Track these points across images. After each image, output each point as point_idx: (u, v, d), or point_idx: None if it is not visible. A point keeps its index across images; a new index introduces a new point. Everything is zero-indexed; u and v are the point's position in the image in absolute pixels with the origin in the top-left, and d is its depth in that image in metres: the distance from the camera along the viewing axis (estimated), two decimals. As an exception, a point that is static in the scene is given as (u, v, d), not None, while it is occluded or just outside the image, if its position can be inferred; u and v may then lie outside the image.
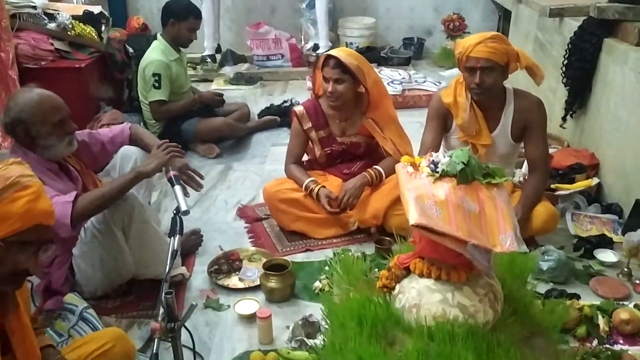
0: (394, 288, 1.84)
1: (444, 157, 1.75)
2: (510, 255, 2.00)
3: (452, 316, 1.68)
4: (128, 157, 2.58)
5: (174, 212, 1.98)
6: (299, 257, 2.79)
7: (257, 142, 4.21)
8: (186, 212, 2.00)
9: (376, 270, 2.17)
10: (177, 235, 1.93)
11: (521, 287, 1.94)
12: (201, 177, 2.45)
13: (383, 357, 1.62)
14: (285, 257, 2.64)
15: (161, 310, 1.77)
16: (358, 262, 2.20)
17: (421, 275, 1.77)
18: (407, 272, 1.82)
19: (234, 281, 2.61)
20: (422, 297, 1.74)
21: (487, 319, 1.72)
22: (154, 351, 1.72)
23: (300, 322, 2.19)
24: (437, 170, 1.72)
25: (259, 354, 2.10)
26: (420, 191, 1.68)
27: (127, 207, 2.31)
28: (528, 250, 1.62)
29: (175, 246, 1.89)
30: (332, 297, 2.04)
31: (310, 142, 3.04)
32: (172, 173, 2.22)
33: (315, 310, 2.29)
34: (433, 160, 1.75)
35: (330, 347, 1.74)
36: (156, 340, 1.75)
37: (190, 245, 2.82)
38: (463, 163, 1.69)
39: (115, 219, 2.29)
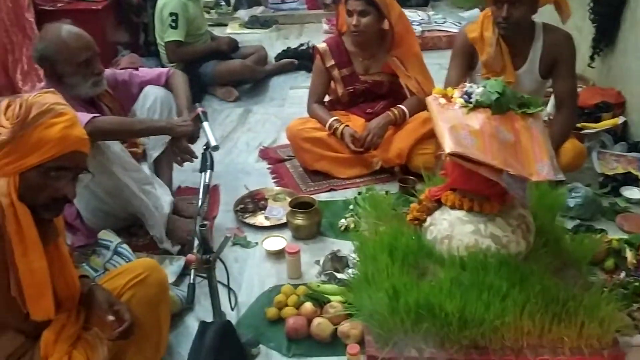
0: (424, 220, 1.85)
1: (478, 87, 1.72)
2: (540, 191, 2.01)
3: (485, 246, 1.70)
4: (148, 95, 2.53)
5: (204, 147, 1.98)
6: (323, 197, 2.80)
7: (276, 85, 4.17)
8: (216, 148, 2.01)
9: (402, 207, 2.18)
10: (209, 170, 1.94)
11: (551, 221, 1.94)
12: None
13: (416, 287, 1.65)
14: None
15: (196, 242, 1.80)
16: (385, 198, 2.21)
17: (453, 207, 1.78)
18: (438, 204, 1.83)
19: (260, 219, 2.64)
20: (454, 228, 1.75)
21: (520, 249, 1.73)
22: (191, 281, 1.77)
23: (329, 257, 2.22)
24: (471, 100, 1.70)
25: (290, 287, 2.14)
26: (453, 122, 1.67)
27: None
28: (565, 179, 1.61)
29: (207, 180, 1.91)
30: (361, 232, 2.06)
31: (332, 81, 3.01)
32: (199, 109, 2.21)
33: (342, 247, 2.31)
34: (466, 91, 1.73)
35: (362, 278, 1.76)
36: (192, 271, 1.79)
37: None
38: (498, 93, 1.67)
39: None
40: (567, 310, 1.57)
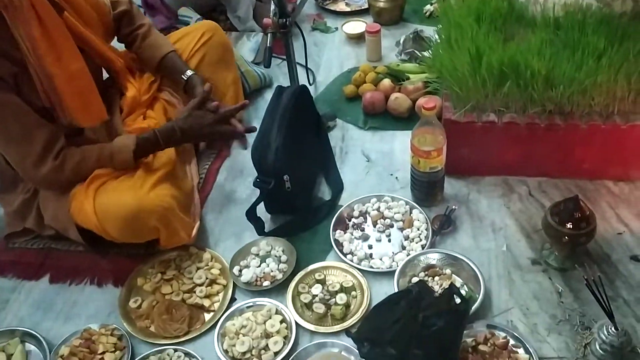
0: (518, -20, 1.68)
1: None
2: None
3: (585, 4, 1.53)
4: None
5: None
6: (409, -17, 2.62)
7: None
8: None
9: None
10: None
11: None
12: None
13: (502, 48, 1.54)
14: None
15: (272, 6, 1.75)
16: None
17: (553, -37, 1.59)
18: (537, -39, 1.64)
19: (341, 5, 2.53)
20: (551, -14, 1.58)
21: (625, 8, 1.55)
22: (268, 44, 1.75)
23: (411, 36, 2.12)
24: None
25: (368, 66, 2.10)
26: None
27: None
28: None
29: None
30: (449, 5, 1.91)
31: None
32: None
33: (427, 30, 2.19)
34: None
35: (445, 43, 1.67)
36: (269, 35, 1.77)
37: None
38: None
39: None
40: (670, 71, 1.43)
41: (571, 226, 1.35)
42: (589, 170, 1.61)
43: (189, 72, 1.68)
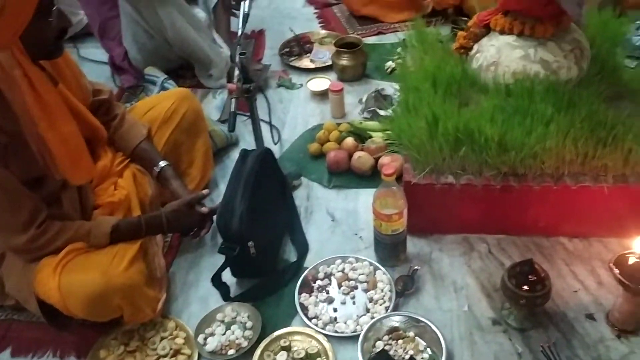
0: (471, 48, 1.77)
1: None
2: (602, 18, 1.86)
3: (533, 72, 1.62)
4: None
5: (242, -25, 1.90)
6: (371, 40, 2.71)
7: None
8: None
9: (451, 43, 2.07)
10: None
11: (610, 50, 1.81)
12: None
13: (457, 114, 1.61)
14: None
15: (236, 71, 1.80)
16: (434, 33, 2.11)
17: (502, 32, 1.68)
18: (487, 30, 1.73)
19: (305, 62, 2.60)
20: (501, 54, 1.66)
21: (571, 76, 1.64)
22: (232, 109, 1.79)
23: (372, 94, 2.19)
24: None
25: (332, 124, 2.15)
26: None
27: None
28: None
29: (247, 9, 1.86)
30: (405, 64, 1.99)
31: None
32: None
33: (387, 88, 2.27)
34: None
35: (403, 107, 1.74)
36: (233, 100, 1.81)
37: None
38: None
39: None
40: (614, 136, 1.50)
41: (527, 288, 1.39)
42: (544, 228, 1.67)
43: (162, 164, 1.70)
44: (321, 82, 2.40)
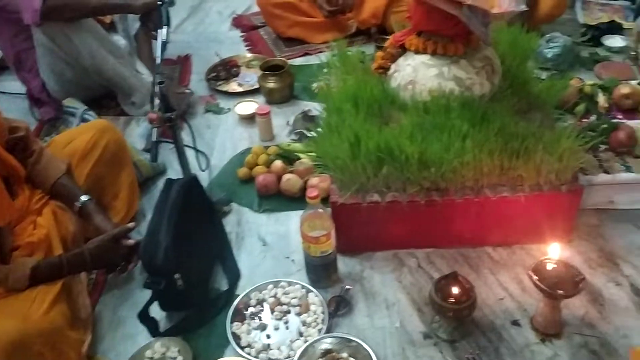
0: (389, 68, 1.81)
1: None
2: (512, 35, 1.94)
3: (448, 89, 1.67)
4: None
5: (159, 2, 1.89)
6: (298, 61, 2.74)
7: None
8: (172, 3, 1.91)
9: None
10: (165, 27, 1.87)
11: (521, 64, 1.89)
12: None
13: (378, 133, 1.64)
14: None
15: (157, 101, 1.77)
16: (355, 54, 2.15)
17: (417, 52, 1.72)
18: (403, 50, 1.77)
19: (232, 86, 2.59)
20: (417, 73, 1.71)
21: (484, 91, 1.70)
22: (154, 139, 1.76)
23: (300, 116, 2.20)
24: None
25: (260, 147, 2.14)
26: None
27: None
28: (527, 8, 1.54)
29: (164, 37, 1.84)
30: (328, 86, 2.02)
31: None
32: None
33: (314, 109, 2.29)
34: None
35: (326, 128, 1.75)
36: (154, 130, 1.78)
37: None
38: None
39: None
40: (526, 147, 1.57)
41: (454, 300, 1.42)
42: (470, 239, 1.72)
43: (83, 198, 1.63)
44: (249, 106, 2.40)
